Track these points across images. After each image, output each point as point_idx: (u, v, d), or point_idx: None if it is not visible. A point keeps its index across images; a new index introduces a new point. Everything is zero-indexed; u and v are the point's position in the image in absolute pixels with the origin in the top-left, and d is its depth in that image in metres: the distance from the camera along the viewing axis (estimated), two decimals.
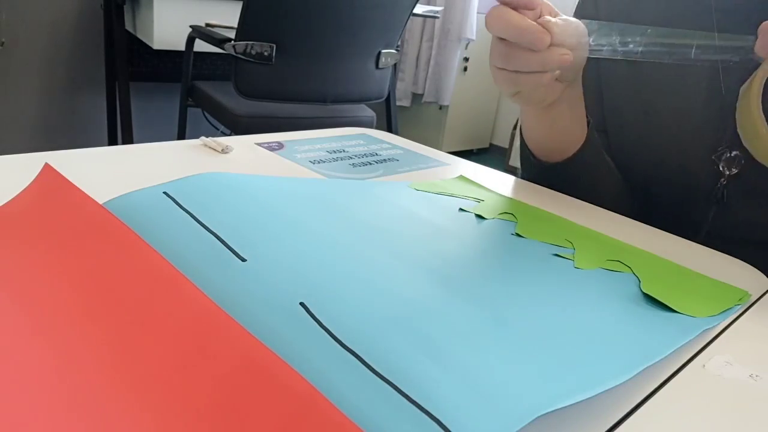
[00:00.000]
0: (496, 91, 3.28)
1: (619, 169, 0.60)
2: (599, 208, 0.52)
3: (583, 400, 0.23)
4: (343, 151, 0.59)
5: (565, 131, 0.53)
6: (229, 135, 0.72)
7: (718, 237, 0.54)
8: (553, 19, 0.43)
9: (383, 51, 1.59)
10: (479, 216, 0.43)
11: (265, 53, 1.40)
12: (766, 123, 0.39)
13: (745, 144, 0.41)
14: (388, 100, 1.79)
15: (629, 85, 0.59)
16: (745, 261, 0.42)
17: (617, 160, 0.60)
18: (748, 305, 0.36)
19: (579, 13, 0.63)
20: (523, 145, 0.58)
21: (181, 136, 1.67)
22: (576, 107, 0.52)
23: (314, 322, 0.24)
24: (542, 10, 0.43)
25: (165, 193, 0.34)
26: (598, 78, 0.62)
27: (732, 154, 0.52)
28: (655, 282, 0.36)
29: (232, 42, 1.38)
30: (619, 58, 0.43)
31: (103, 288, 0.26)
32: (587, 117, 0.54)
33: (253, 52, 1.39)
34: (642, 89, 0.57)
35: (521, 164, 0.61)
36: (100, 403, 0.20)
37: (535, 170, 0.57)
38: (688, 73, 0.54)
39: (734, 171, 0.53)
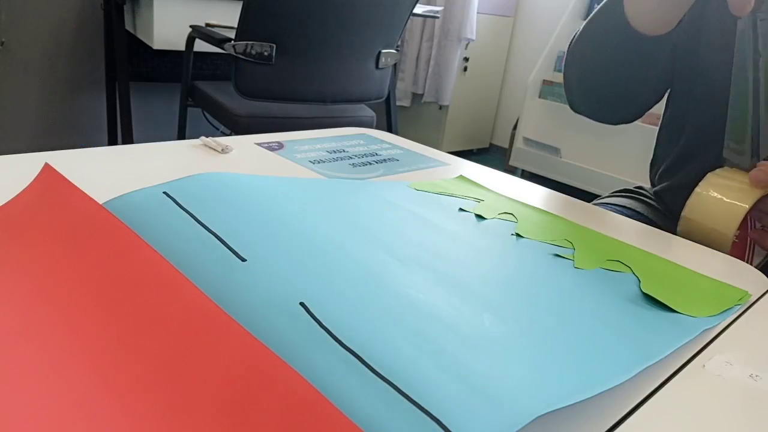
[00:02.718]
0: (496, 91, 3.28)
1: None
2: (599, 208, 0.52)
3: (583, 400, 0.23)
4: (343, 151, 0.59)
5: (666, 20, 0.53)
6: (229, 135, 0.72)
7: None
8: None
9: (383, 51, 1.59)
10: (479, 216, 0.43)
11: (265, 53, 1.40)
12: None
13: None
14: (388, 100, 1.79)
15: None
16: None
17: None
18: (748, 305, 0.36)
19: None
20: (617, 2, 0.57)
21: (181, 136, 1.67)
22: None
23: (314, 322, 0.24)
24: None
25: (165, 193, 0.34)
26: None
27: None
28: (655, 282, 0.36)
29: (232, 42, 1.38)
30: None
31: (103, 288, 0.26)
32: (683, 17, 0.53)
33: (253, 52, 1.39)
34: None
35: (595, 18, 0.59)
36: (100, 404, 0.20)
37: (612, 33, 0.57)
38: None
39: None
